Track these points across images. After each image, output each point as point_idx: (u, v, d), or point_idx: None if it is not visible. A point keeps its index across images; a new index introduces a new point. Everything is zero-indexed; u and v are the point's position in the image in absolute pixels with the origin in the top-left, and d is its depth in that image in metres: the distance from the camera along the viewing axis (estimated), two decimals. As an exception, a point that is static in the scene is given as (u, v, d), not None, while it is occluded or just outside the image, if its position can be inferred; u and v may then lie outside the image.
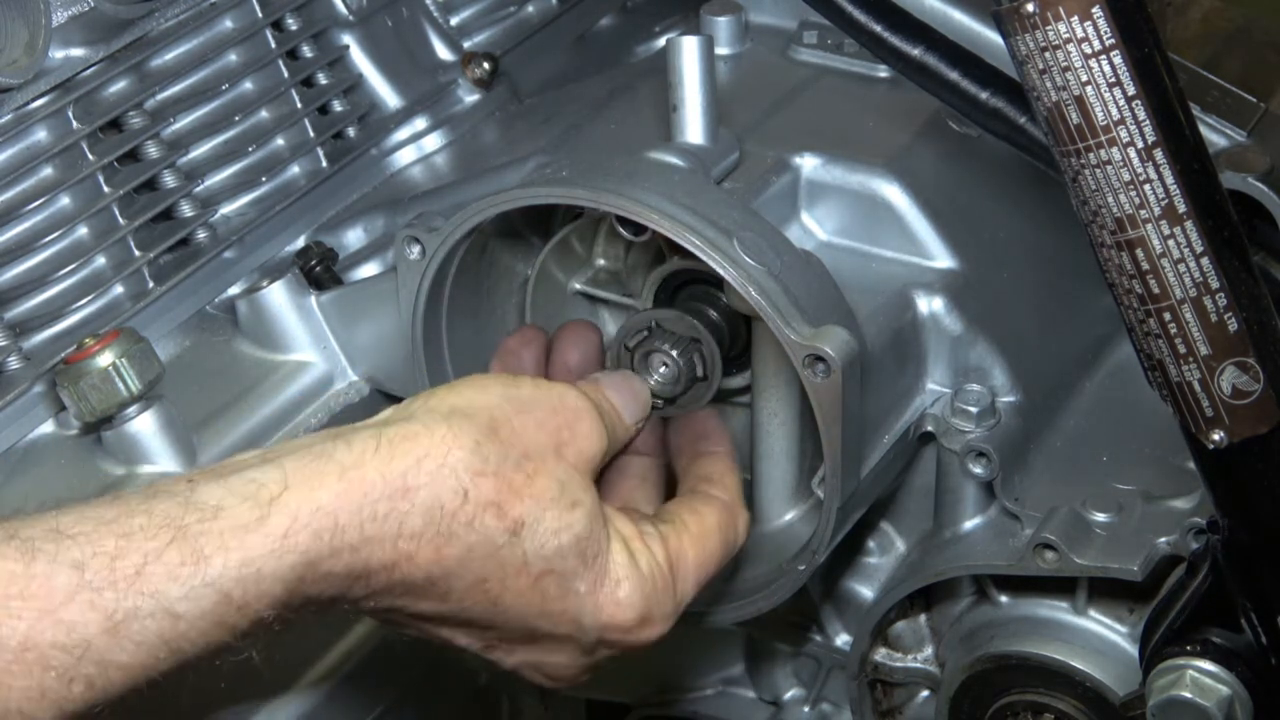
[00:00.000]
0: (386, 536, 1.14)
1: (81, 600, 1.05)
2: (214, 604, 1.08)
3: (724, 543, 1.32)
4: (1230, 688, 1.28)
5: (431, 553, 1.16)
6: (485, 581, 1.19)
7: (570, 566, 1.21)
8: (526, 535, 1.19)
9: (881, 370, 1.40)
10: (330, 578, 1.13)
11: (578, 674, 1.30)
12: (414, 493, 1.15)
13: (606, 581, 1.23)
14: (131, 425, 1.39)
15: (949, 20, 1.62)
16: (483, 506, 1.17)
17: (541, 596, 1.21)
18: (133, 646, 1.06)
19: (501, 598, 1.20)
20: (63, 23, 1.45)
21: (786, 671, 1.72)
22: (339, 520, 1.12)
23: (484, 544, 1.18)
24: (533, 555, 1.20)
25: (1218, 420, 1.17)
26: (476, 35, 1.87)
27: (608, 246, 1.49)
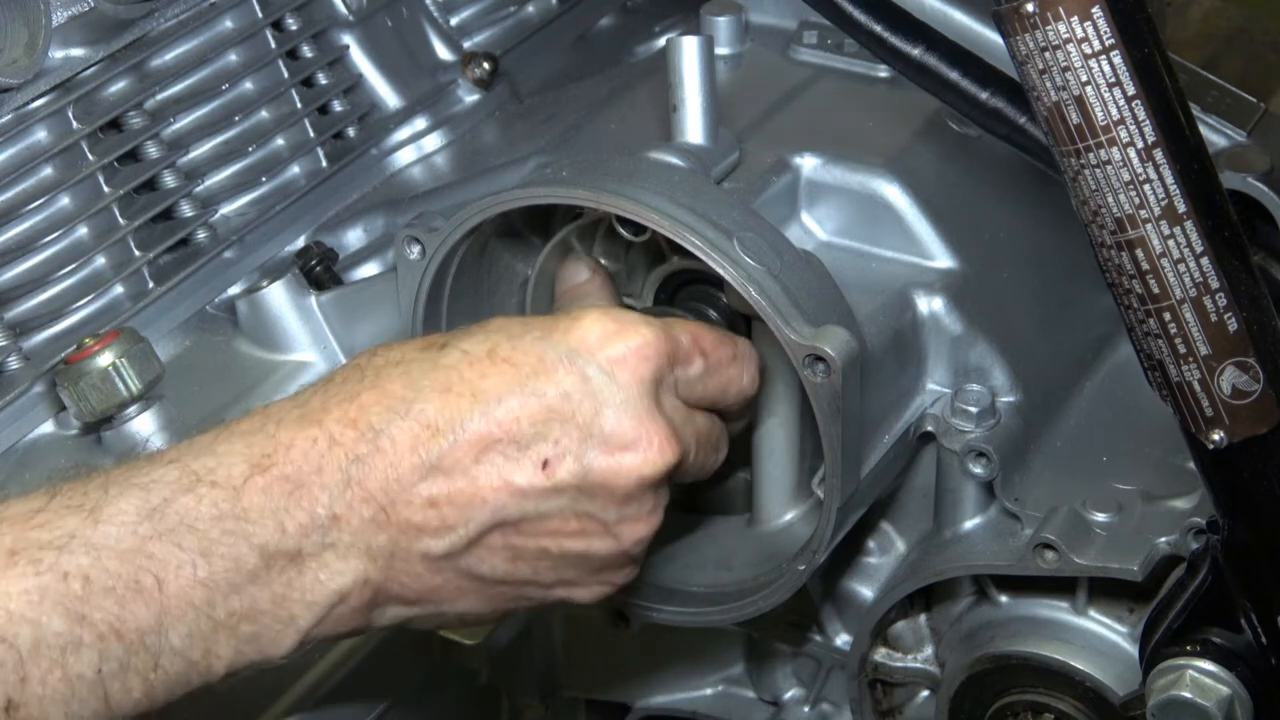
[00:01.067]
0: (326, 398, 1.18)
1: (56, 505, 1.10)
2: (177, 476, 1.12)
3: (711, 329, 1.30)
4: (1230, 688, 1.28)
5: (374, 393, 1.17)
6: (450, 389, 1.18)
7: (511, 330, 1.21)
8: (454, 340, 1.21)
9: (881, 370, 1.40)
10: (297, 447, 1.15)
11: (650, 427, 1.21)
12: (332, 376, 1.22)
13: (557, 322, 1.22)
14: (131, 425, 1.39)
15: (949, 20, 1.62)
16: (398, 349, 1.21)
17: (509, 364, 1.19)
18: (114, 529, 1.09)
19: (478, 388, 1.18)
20: (63, 23, 1.45)
21: (786, 671, 1.72)
22: (270, 409, 1.18)
23: (414, 363, 1.19)
24: (469, 346, 1.20)
25: (1218, 420, 1.17)
26: (476, 35, 1.87)
27: (608, 246, 1.49)
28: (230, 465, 1.14)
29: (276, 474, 1.14)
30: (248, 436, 1.16)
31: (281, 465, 1.14)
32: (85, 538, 1.07)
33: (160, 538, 1.10)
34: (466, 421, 1.17)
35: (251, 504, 1.13)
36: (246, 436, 1.16)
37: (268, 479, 1.14)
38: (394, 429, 1.16)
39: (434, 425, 1.17)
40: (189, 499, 1.11)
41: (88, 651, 1.06)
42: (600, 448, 1.20)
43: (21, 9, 1.40)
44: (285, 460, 1.14)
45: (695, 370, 1.27)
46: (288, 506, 1.14)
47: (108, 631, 1.06)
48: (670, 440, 1.22)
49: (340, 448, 1.15)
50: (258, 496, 1.13)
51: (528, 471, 1.19)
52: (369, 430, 1.16)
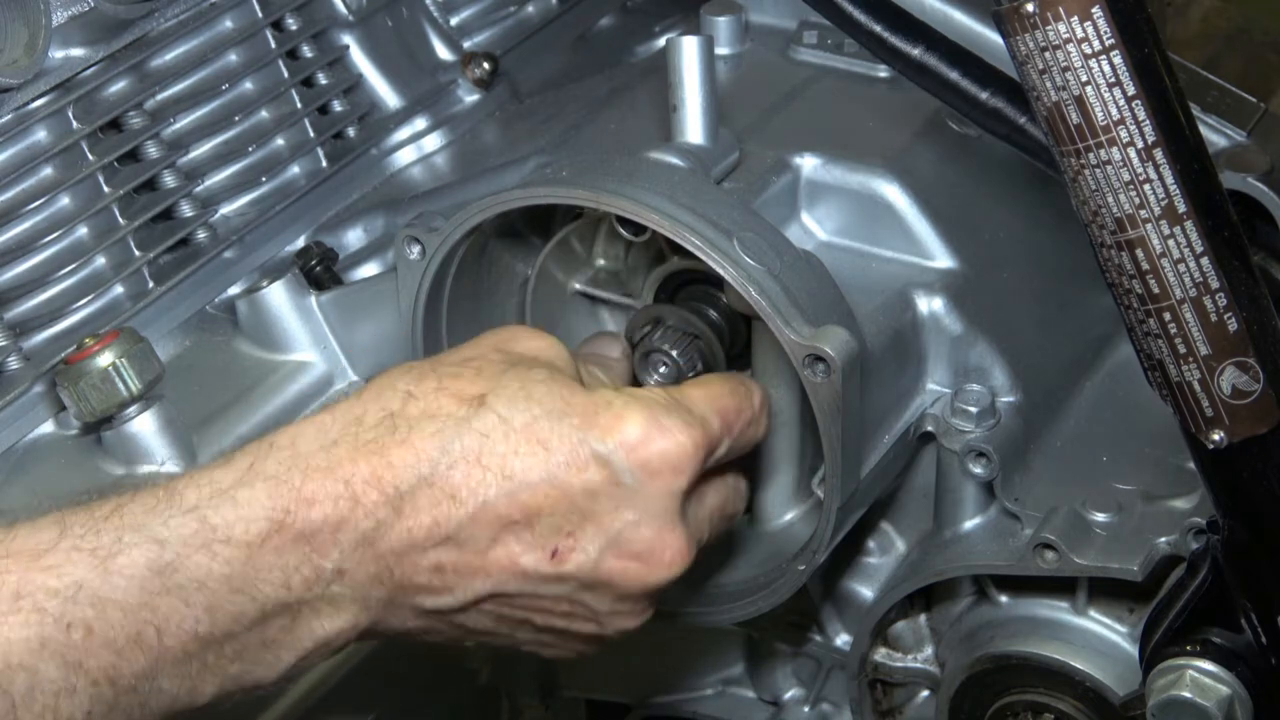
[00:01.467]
0: (353, 449, 1.15)
1: (66, 545, 1.07)
2: (194, 530, 1.10)
3: (730, 387, 1.28)
4: (1230, 688, 1.28)
5: (404, 451, 1.15)
6: (480, 458, 1.16)
7: (552, 406, 1.18)
8: (491, 401, 1.17)
9: (881, 370, 1.40)
10: (316, 506, 1.13)
11: (662, 538, 1.21)
12: (363, 416, 1.17)
13: (599, 410, 1.19)
14: (131, 425, 1.39)
15: (949, 20, 1.62)
16: (433, 395, 1.18)
17: (543, 447, 1.17)
18: (124, 582, 1.07)
19: (508, 466, 1.16)
20: (63, 23, 1.45)
21: (786, 671, 1.72)
22: (299, 447, 1.15)
23: (451, 422, 1.16)
24: (507, 412, 1.17)
25: (1218, 420, 1.17)
26: (476, 35, 1.87)
27: (608, 246, 1.49)
28: (249, 520, 1.12)
29: (293, 533, 1.13)
30: (271, 484, 1.14)
31: (300, 523, 1.13)
32: (93, 589, 1.06)
33: (168, 593, 1.09)
34: (489, 498, 1.17)
35: (264, 563, 1.12)
36: (270, 484, 1.14)
37: (284, 539, 1.13)
38: (419, 495, 1.16)
39: (457, 495, 1.16)
40: (203, 556, 1.10)
41: (80, 696, 1.05)
42: (614, 550, 1.20)
43: (21, 9, 1.40)
44: (305, 518, 1.13)
45: (722, 452, 1.27)
46: (298, 565, 1.13)
47: (102, 679, 1.06)
48: (683, 553, 1.23)
49: (361, 508, 1.15)
50: (271, 555, 1.12)
51: (537, 556, 1.19)
52: (394, 493, 1.15)
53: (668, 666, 1.77)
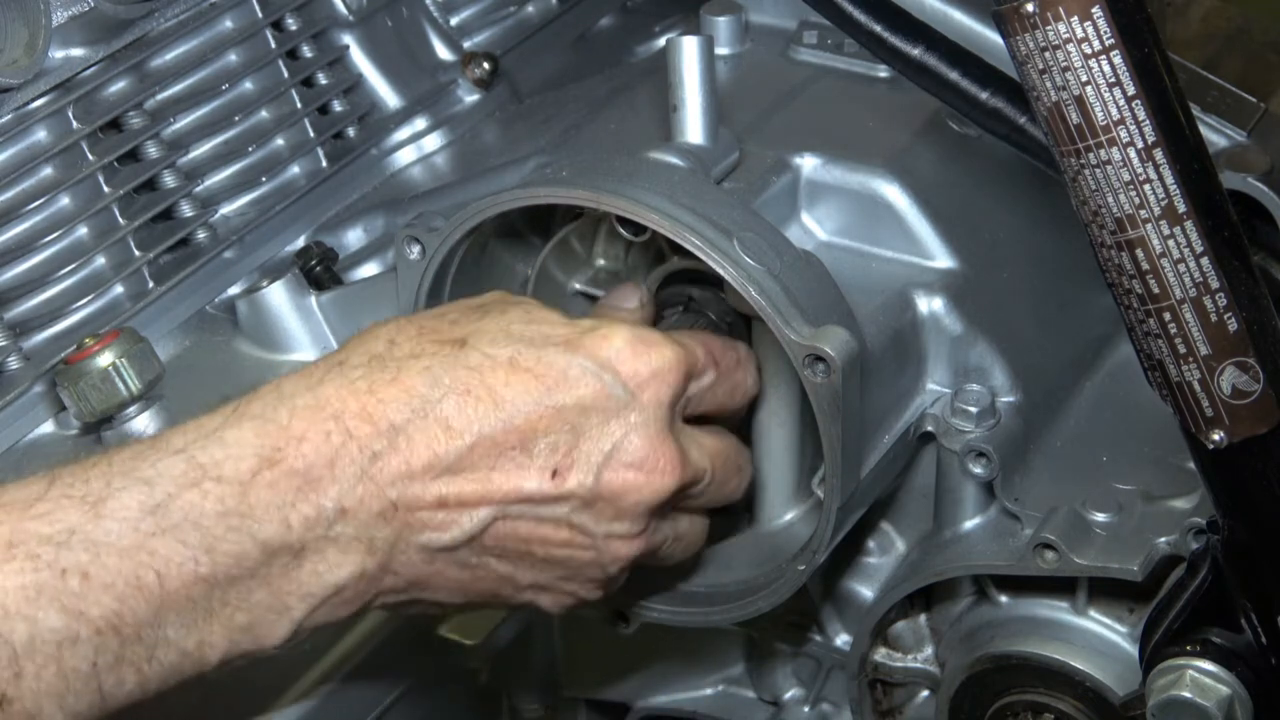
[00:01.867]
0: (341, 387, 1.15)
1: (56, 494, 1.08)
2: (184, 470, 1.10)
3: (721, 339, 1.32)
4: (1230, 688, 1.28)
5: (393, 387, 1.16)
6: (470, 390, 1.17)
7: (534, 334, 1.21)
8: (474, 340, 1.19)
9: (881, 370, 1.40)
10: (307, 442, 1.13)
11: (654, 447, 1.22)
12: (347, 360, 1.18)
13: (582, 335, 1.22)
14: (131, 425, 1.39)
15: (949, 20, 1.62)
16: (416, 339, 1.19)
17: (531, 375, 1.19)
18: (116, 525, 1.07)
19: (499, 395, 1.18)
20: (63, 23, 1.45)
21: (786, 671, 1.72)
22: (283, 389, 1.16)
23: (437, 359, 1.18)
24: (491, 348, 1.19)
25: (1217, 420, 1.17)
26: (476, 35, 1.87)
27: (608, 246, 1.49)
28: (238, 458, 1.13)
29: (286, 468, 1.13)
30: (258, 423, 1.14)
31: (292, 459, 1.13)
32: (86, 533, 1.07)
33: (163, 534, 1.09)
34: (485, 426, 1.18)
35: (258, 499, 1.12)
36: (257, 423, 1.14)
37: (276, 473, 1.13)
38: (413, 428, 1.16)
39: (452, 427, 1.17)
40: (194, 494, 1.10)
41: (84, 646, 1.05)
42: (610, 462, 1.21)
43: (21, 9, 1.40)
44: (296, 454, 1.14)
45: (707, 381, 1.29)
46: (295, 501, 1.13)
47: (105, 627, 1.06)
48: (676, 465, 1.24)
49: (355, 442, 1.15)
50: (265, 491, 1.12)
51: (537, 478, 1.20)
52: (388, 427, 1.16)
53: (668, 666, 1.77)
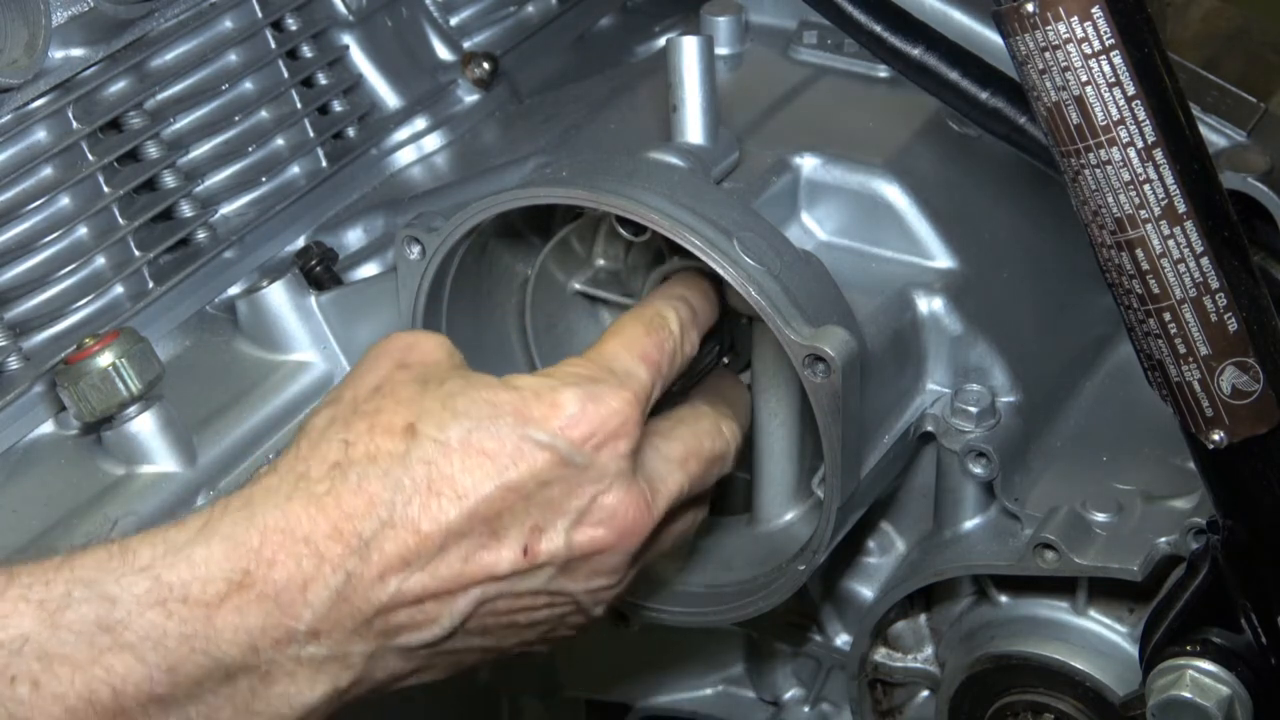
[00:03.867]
0: (308, 507, 1.14)
1: (12, 595, 1.05)
2: (148, 588, 1.08)
3: (640, 321, 1.29)
4: (1230, 688, 1.28)
5: (357, 499, 1.14)
6: (431, 485, 1.16)
7: (481, 413, 1.18)
8: (423, 427, 1.18)
9: (881, 370, 1.40)
10: (278, 567, 1.11)
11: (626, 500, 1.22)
12: (307, 473, 1.16)
13: (526, 401, 1.19)
14: (131, 425, 1.39)
15: (949, 20, 1.62)
16: (367, 435, 1.17)
17: (485, 455, 1.17)
18: (72, 637, 1.05)
19: (459, 485, 1.16)
20: (63, 23, 1.45)
21: (786, 671, 1.72)
22: (253, 510, 1.13)
23: (394, 460, 1.16)
24: (441, 434, 1.17)
25: (1218, 420, 1.17)
26: (476, 35, 1.87)
27: (608, 246, 1.49)
28: (206, 580, 1.10)
29: (255, 594, 1.11)
30: (228, 545, 1.12)
31: (262, 584, 1.11)
32: (39, 642, 1.04)
33: (121, 650, 1.07)
34: (451, 520, 1.17)
35: (225, 623, 1.10)
36: (227, 544, 1.12)
37: (245, 598, 1.11)
38: (383, 538, 1.15)
39: (421, 529, 1.16)
40: (157, 614, 1.08)
41: None
42: (580, 526, 1.21)
43: (21, 9, 1.40)
44: (266, 579, 1.12)
45: (657, 392, 1.28)
46: (264, 626, 1.11)
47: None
48: (645, 511, 1.24)
49: (328, 564, 1.13)
50: (232, 616, 1.10)
51: (510, 558, 1.19)
52: (358, 543, 1.14)
53: (668, 666, 1.77)
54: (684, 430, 1.32)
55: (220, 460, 1.43)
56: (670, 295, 1.34)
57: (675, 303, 1.32)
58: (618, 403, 1.22)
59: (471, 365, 1.47)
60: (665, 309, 1.32)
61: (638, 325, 1.29)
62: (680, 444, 1.30)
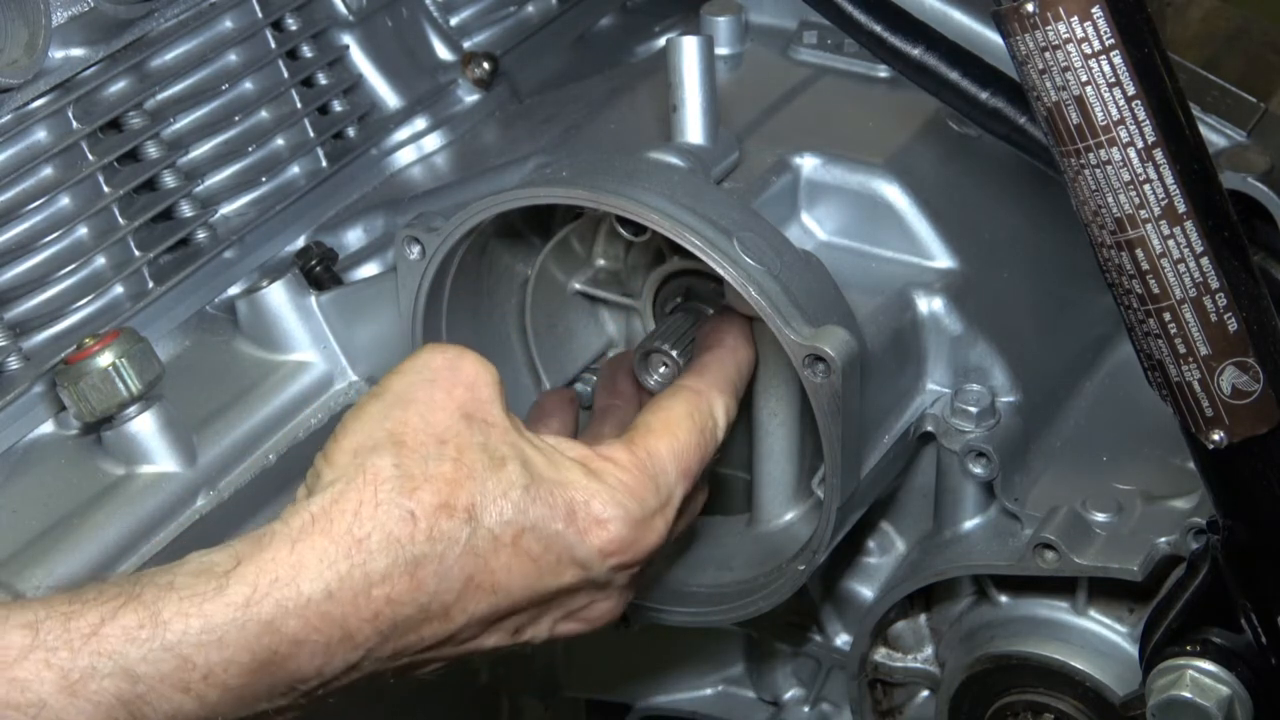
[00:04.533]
0: (358, 590, 1.14)
1: (36, 659, 1.04)
2: (174, 668, 1.08)
3: (696, 427, 1.30)
4: (1230, 688, 1.28)
5: (408, 584, 1.16)
6: (473, 578, 1.19)
7: (537, 514, 1.20)
8: (481, 513, 1.19)
9: (881, 370, 1.40)
10: (307, 647, 1.12)
11: (614, 606, 1.29)
12: (365, 541, 1.15)
13: (578, 508, 1.22)
14: (131, 425, 1.39)
15: (949, 20, 1.62)
16: (432, 514, 1.17)
17: (530, 559, 1.20)
18: (90, 708, 1.05)
19: (497, 582, 1.20)
20: (63, 23, 1.45)
21: (786, 671, 1.72)
22: (301, 588, 1.12)
23: (451, 546, 1.17)
24: (498, 527, 1.19)
25: (1218, 420, 1.17)
26: (476, 35, 1.87)
27: (608, 246, 1.49)
28: (233, 662, 1.10)
29: (275, 668, 1.12)
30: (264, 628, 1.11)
31: (285, 661, 1.12)
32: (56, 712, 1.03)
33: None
34: (478, 613, 1.20)
35: (244, 698, 1.11)
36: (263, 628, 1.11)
37: (264, 675, 1.12)
38: (416, 621, 1.18)
39: (449, 616, 1.19)
40: (179, 695, 1.08)
41: None
42: (566, 620, 1.29)
43: (21, 9, 1.40)
44: (293, 656, 1.12)
45: None
46: (271, 691, 1.13)
47: None
48: (619, 610, 1.31)
49: (352, 641, 1.15)
50: (252, 692, 1.11)
51: (499, 638, 1.25)
52: (390, 628, 1.17)
53: (668, 666, 1.77)
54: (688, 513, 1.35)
55: (220, 460, 1.43)
56: (725, 382, 1.35)
57: (728, 399, 1.34)
58: (656, 537, 1.26)
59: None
60: (719, 409, 1.33)
61: (692, 430, 1.30)
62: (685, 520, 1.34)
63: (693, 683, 1.77)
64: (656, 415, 1.30)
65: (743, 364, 1.37)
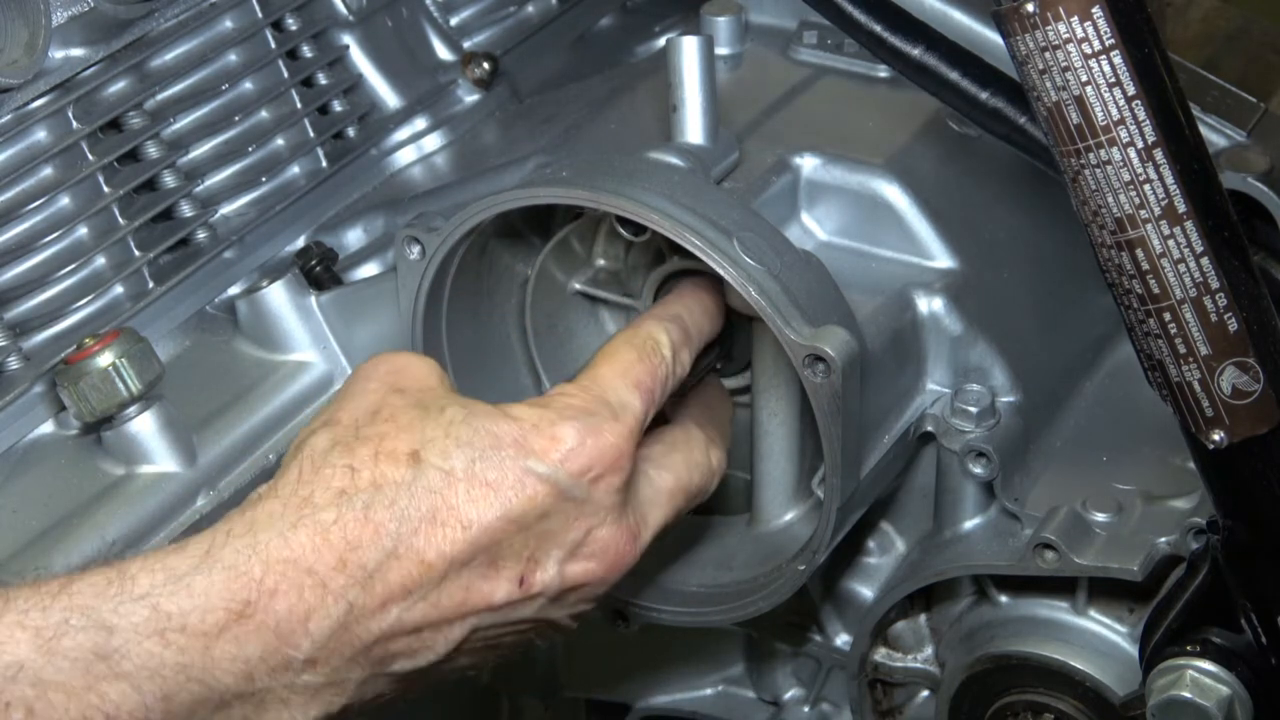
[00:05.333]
0: (314, 537, 1.13)
1: (9, 621, 1.04)
2: (146, 618, 1.07)
3: (634, 347, 1.30)
4: (1230, 688, 1.28)
5: (364, 527, 1.14)
6: (435, 515, 1.17)
7: (483, 443, 1.19)
8: (426, 455, 1.18)
9: (881, 370, 1.40)
10: (280, 595, 1.11)
11: (618, 535, 1.25)
12: (310, 498, 1.16)
13: (526, 432, 1.20)
14: (131, 425, 1.39)
15: (949, 20, 1.62)
16: (372, 462, 1.17)
17: (489, 486, 1.19)
18: (68, 665, 1.04)
19: (463, 515, 1.17)
20: (63, 23, 1.45)
21: (786, 671, 1.72)
22: (258, 537, 1.13)
23: (401, 489, 1.16)
24: (445, 462, 1.18)
25: (1218, 420, 1.17)
26: (476, 35, 1.87)
27: (608, 246, 1.49)
28: (205, 610, 1.09)
29: (256, 623, 1.11)
30: (230, 574, 1.11)
31: (263, 615, 1.11)
32: (35, 669, 1.03)
33: (117, 679, 1.05)
34: (455, 550, 1.18)
35: (223, 653, 1.09)
36: (229, 574, 1.11)
37: (245, 628, 1.10)
38: (387, 568, 1.15)
39: (425, 560, 1.17)
40: (154, 643, 1.07)
41: None
42: (574, 558, 1.24)
43: (21, 9, 1.40)
44: (268, 610, 1.11)
45: (648, 419, 1.29)
46: (263, 655, 1.11)
47: None
48: (634, 542, 1.26)
49: (330, 594, 1.13)
50: (230, 645, 1.10)
51: (506, 588, 1.21)
52: (360, 572, 1.14)
53: (668, 666, 1.77)
54: (677, 460, 1.33)
55: (220, 460, 1.43)
56: (664, 315, 1.35)
57: (667, 324, 1.33)
58: (614, 437, 1.23)
59: (472, 365, 1.47)
60: (658, 331, 1.32)
61: (631, 351, 1.30)
62: (671, 476, 1.32)
63: (693, 683, 1.77)
64: (597, 354, 1.31)
65: (692, 307, 1.36)
